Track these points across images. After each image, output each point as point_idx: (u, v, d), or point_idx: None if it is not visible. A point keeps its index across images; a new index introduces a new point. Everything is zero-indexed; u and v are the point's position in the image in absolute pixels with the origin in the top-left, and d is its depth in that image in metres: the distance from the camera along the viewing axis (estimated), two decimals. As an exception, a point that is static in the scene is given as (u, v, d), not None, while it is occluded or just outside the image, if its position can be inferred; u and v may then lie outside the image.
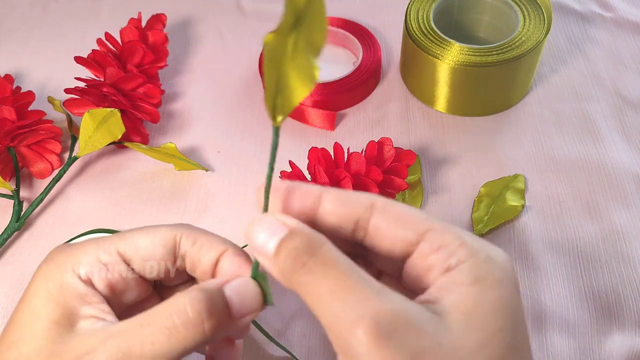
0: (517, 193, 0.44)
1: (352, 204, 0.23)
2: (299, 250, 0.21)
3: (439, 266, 0.21)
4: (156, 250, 0.25)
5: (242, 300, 0.23)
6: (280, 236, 0.21)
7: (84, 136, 0.45)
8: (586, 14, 0.58)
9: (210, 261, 0.25)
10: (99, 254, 0.24)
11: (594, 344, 0.38)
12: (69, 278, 0.24)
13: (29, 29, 0.61)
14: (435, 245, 0.21)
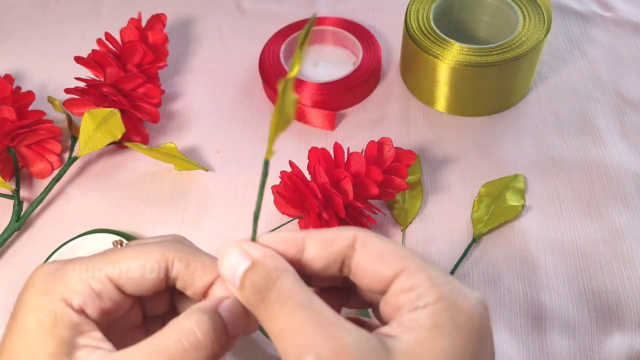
0: (517, 193, 0.44)
1: (335, 244, 0.23)
2: (258, 284, 0.22)
3: (407, 306, 0.22)
4: (148, 275, 0.24)
5: (235, 320, 0.24)
6: (244, 268, 0.22)
7: (84, 136, 0.45)
8: (586, 14, 0.58)
9: (204, 285, 0.25)
10: (90, 282, 0.24)
11: (594, 344, 0.38)
12: (61, 309, 0.23)
13: (29, 29, 0.61)
14: (407, 285, 0.22)
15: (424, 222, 0.44)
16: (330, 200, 0.39)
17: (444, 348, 0.20)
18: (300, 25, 0.55)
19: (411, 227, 0.44)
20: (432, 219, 0.44)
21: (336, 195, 0.38)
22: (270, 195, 0.43)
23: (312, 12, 0.60)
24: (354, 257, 0.23)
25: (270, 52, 0.53)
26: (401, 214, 0.44)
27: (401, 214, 0.44)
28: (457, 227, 0.43)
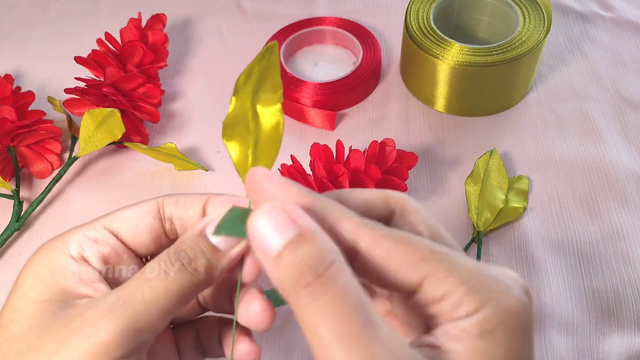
0: (520, 194, 0.44)
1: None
2: (304, 265, 0.18)
3: (445, 317, 0.19)
4: (142, 217, 0.24)
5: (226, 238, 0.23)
6: (287, 237, 0.19)
7: (84, 136, 0.45)
8: (586, 14, 0.58)
9: (197, 212, 0.25)
10: (85, 232, 0.24)
11: (593, 344, 0.38)
12: (59, 259, 0.23)
13: (29, 28, 0.61)
14: (438, 293, 0.19)
15: (424, 222, 0.44)
16: (327, 196, 0.39)
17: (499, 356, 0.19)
18: (300, 25, 0.55)
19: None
20: (432, 219, 0.44)
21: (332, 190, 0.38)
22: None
23: (313, 11, 0.60)
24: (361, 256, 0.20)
25: (270, 52, 0.53)
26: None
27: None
28: (457, 227, 0.43)
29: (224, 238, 0.22)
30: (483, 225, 0.42)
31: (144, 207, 0.25)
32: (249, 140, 0.23)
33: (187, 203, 0.25)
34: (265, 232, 0.19)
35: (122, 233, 0.24)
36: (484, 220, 0.42)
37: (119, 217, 0.25)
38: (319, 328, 0.18)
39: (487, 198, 0.43)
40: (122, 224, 0.24)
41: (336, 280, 0.18)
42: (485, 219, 0.42)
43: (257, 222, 0.20)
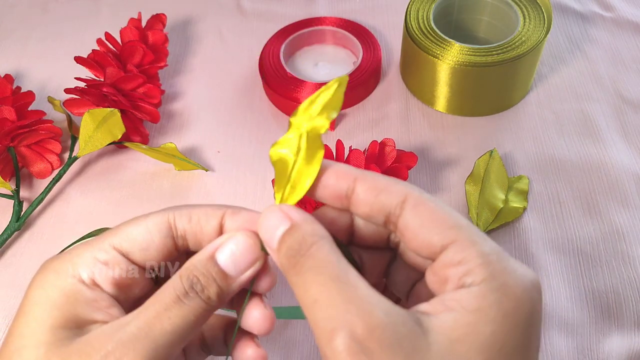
0: (520, 194, 0.44)
1: (384, 196, 0.22)
2: (292, 249, 0.21)
3: (454, 282, 0.20)
4: (153, 237, 0.24)
5: (235, 260, 0.23)
6: (282, 230, 0.22)
7: (84, 136, 0.45)
8: (586, 14, 0.58)
9: (214, 230, 0.24)
10: (95, 254, 0.23)
11: (593, 344, 0.38)
12: (70, 284, 0.23)
13: (29, 29, 0.61)
14: (456, 258, 0.20)
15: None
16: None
17: (485, 335, 0.19)
18: (300, 25, 0.55)
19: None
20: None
21: None
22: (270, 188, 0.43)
23: (313, 11, 0.60)
24: (402, 216, 0.22)
25: (270, 52, 0.53)
26: None
27: None
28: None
29: (233, 264, 0.23)
30: (483, 225, 0.42)
31: (154, 225, 0.24)
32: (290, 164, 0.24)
33: (201, 220, 0.24)
34: (268, 231, 0.23)
35: (134, 254, 0.24)
36: (483, 220, 0.42)
37: (128, 236, 0.24)
38: (304, 298, 0.21)
39: (487, 198, 0.43)
40: (133, 245, 0.24)
41: (317, 257, 0.21)
42: (485, 219, 0.42)
43: (262, 223, 0.23)
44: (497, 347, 0.19)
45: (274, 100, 0.52)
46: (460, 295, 0.20)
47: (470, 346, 0.19)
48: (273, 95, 0.51)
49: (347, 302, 0.19)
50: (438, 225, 0.21)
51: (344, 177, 0.23)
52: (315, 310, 0.20)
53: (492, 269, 0.20)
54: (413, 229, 0.22)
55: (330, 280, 0.20)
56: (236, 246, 0.23)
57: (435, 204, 0.22)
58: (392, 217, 0.22)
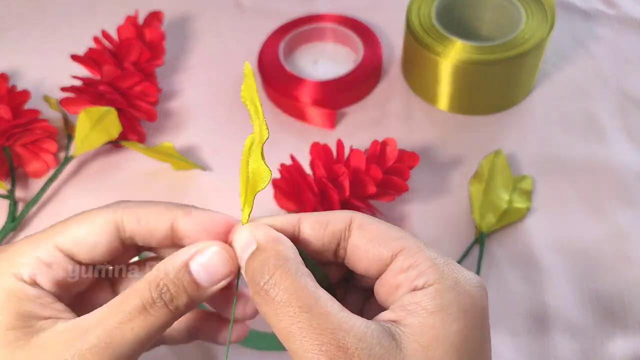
0: (524, 195, 0.44)
1: (331, 225, 0.23)
2: (256, 275, 0.21)
3: (406, 285, 0.21)
4: (99, 238, 0.24)
5: (209, 271, 0.23)
6: (249, 252, 0.22)
7: (80, 135, 0.45)
8: (590, 12, 0.57)
9: (165, 232, 0.24)
10: (37, 253, 0.23)
11: (597, 346, 0.37)
12: (13, 284, 0.22)
13: (25, 26, 0.61)
14: (405, 264, 0.22)
15: (426, 222, 0.43)
16: (327, 195, 0.39)
17: (452, 334, 0.20)
18: (300, 22, 0.55)
19: (413, 228, 0.43)
20: (434, 219, 0.44)
21: (332, 190, 0.38)
22: (269, 188, 0.43)
23: (312, 8, 0.59)
24: (350, 239, 0.23)
25: (269, 50, 0.52)
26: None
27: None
28: (459, 228, 0.43)
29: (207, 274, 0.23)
30: (486, 226, 0.42)
31: (100, 225, 0.24)
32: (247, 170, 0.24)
33: (151, 221, 0.24)
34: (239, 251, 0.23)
35: (78, 255, 0.24)
36: (487, 221, 0.42)
37: (74, 237, 0.23)
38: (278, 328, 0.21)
39: (491, 199, 0.43)
40: (79, 247, 0.23)
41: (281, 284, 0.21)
42: (488, 220, 0.42)
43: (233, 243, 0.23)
44: (464, 344, 0.20)
45: (273, 99, 0.52)
46: (418, 297, 0.21)
47: (442, 348, 0.20)
48: (272, 93, 0.51)
49: (320, 333, 0.20)
50: (385, 238, 0.22)
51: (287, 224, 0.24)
52: (291, 342, 0.20)
53: (442, 270, 0.21)
54: (362, 246, 0.23)
55: (300, 311, 0.20)
56: (211, 257, 0.23)
57: (378, 222, 0.23)
58: (342, 243, 0.23)
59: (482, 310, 0.21)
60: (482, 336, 0.21)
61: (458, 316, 0.20)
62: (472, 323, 0.20)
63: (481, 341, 0.21)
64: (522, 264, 0.41)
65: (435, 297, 0.20)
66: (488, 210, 0.42)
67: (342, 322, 0.20)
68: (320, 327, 0.20)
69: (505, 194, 0.43)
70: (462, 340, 0.20)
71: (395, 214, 0.44)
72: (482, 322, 0.21)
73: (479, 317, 0.21)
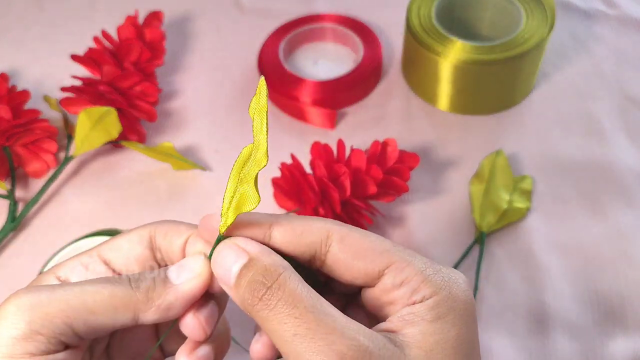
0: (524, 194, 0.44)
1: (306, 236, 0.23)
2: (256, 283, 0.21)
3: (403, 302, 0.22)
4: (133, 247, 0.25)
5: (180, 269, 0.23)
6: (240, 265, 0.22)
7: (80, 135, 0.45)
8: (590, 12, 0.57)
9: (179, 248, 0.25)
10: (81, 259, 0.25)
11: (597, 346, 0.37)
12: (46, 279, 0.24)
13: (25, 26, 0.60)
14: (397, 280, 0.22)
15: (426, 222, 0.43)
16: (327, 194, 0.39)
17: (452, 337, 0.21)
18: (300, 22, 0.55)
19: (413, 228, 0.43)
20: (434, 219, 0.44)
21: (333, 190, 0.38)
22: (269, 187, 0.43)
23: (312, 8, 0.59)
24: (329, 253, 0.23)
25: (269, 50, 0.52)
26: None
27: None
28: (459, 228, 0.43)
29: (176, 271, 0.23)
30: (486, 226, 0.42)
31: (136, 236, 0.25)
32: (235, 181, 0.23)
33: (173, 237, 0.25)
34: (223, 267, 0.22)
35: (114, 262, 0.25)
36: (487, 222, 0.42)
37: (113, 246, 0.25)
38: (281, 331, 0.20)
39: (491, 199, 0.43)
40: (115, 253, 0.25)
41: (285, 287, 0.21)
42: (488, 220, 0.42)
43: (215, 260, 0.23)
44: (462, 346, 0.21)
45: (273, 99, 0.51)
46: (417, 309, 0.21)
47: (444, 352, 0.21)
48: (272, 93, 0.51)
49: (329, 333, 0.20)
50: (370, 253, 0.22)
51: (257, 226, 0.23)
52: (297, 343, 0.20)
53: (435, 282, 0.22)
54: (345, 262, 0.23)
55: (306, 312, 0.20)
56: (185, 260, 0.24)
57: (360, 234, 0.23)
58: (319, 255, 0.23)
59: (472, 311, 0.22)
60: (474, 334, 0.22)
61: (455, 322, 0.21)
62: (466, 326, 0.22)
63: (474, 339, 0.22)
64: (522, 264, 0.41)
65: (433, 308, 0.21)
66: (488, 210, 0.42)
67: (348, 324, 0.20)
68: (329, 328, 0.20)
69: (506, 194, 0.43)
70: (460, 343, 0.21)
71: (396, 214, 0.44)
72: (473, 321, 0.22)
73: (471, 319, 0.22)
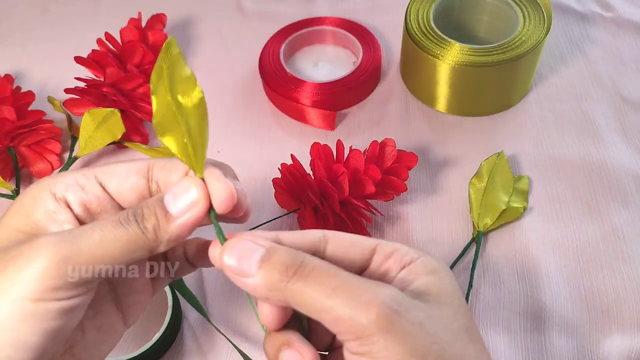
0: (521, 195, 0.44)
1: (307, 237, 0.25)
2: (285, 263, 0.23)
3: (396, 266, 0.25)
4: (130, 175, 0.25)
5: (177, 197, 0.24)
6: (259, 255, 0.23)
7: (83, 136, 0.45)
8: (586, 14, 0.58)
9: (178, 179, 0.26)
10: (76, 177, 0.25)
11: (593, 344, 0.38)
12: (42, 194, 0.24)
13: (29, 29, 0.61)
14: (388, 252, 0.25)
15: (425, 222, 0.44)
16: (327, 194, 0.39)
17: (448, 284, 0.24)
18: (300, 25, 0.55)
19: (412, 228, 0.44)
20: (432, 220, 0.44)
21: (332, 190, 0.38)
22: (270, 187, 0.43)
23: (312, 11, 0.60)
24: (327, 249, 0.25)
25: (270, 52, 0.53)
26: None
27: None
28: (457, 227, 0.43)
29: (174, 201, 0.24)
30: (483, 226, 0.42)
31: (134, 166, 0.26)
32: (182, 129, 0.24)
33: (172, 168, 0.26)
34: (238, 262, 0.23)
35: (110, 186, 0.25)
36: (484, 221, 0.42)
37: (111, 170, 0.26)
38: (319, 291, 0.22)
39: (490, 199, 0.43)
40: (111, 178, 0.25)
41: (313, 261, 0.23)
42: (486, 219, 0.42)
43: (228, 256, 0.23)
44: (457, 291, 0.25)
45: (274, 100, 0.52)
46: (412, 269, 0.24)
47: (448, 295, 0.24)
48: (273, 95, 0.51)
49: (367, 284, 0.22)
50: (360, 241, 0.26)
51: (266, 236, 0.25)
52: (337, 295, 0.22)
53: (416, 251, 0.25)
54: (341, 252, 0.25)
55: (339, 271, 0.23)
56: (180, 187, 0.24)
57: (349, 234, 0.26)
58: (319, 251, 0.25)
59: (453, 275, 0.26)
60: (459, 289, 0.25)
61: (445, 274, 0.25)
62: (453, 280, 0.25)
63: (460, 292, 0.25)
64: (518, 263, 0.41)
65: (426, 264, 0.24)
66: (486, 210, 0.43)
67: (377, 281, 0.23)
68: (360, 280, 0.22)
69: (505, 196, 0.43)
70: (455, 290, 0.24)
71: (394, 213, 0.45)
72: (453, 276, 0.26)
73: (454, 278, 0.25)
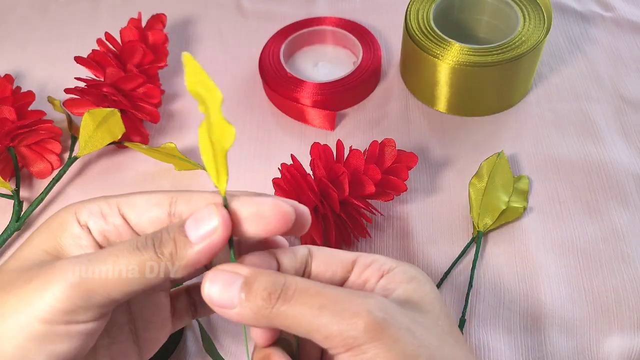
0: (521, 195, 0.44)
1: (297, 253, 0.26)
2: (267, 289, 0.23)
3: (375, 275, 0.25)
4: (150, 208, 0.25)
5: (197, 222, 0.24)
6: (238, 284, 0.23)
7: (84, 136, 0.45)
8: (586, 14, 0.58)
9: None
10: (101, 205, 0.25)
11: (593, 344, 0.38)
12: (68, 219, 0.25)
13: (29, 29, 0.61)
14: (367, 262, 0.26)
15: (425, 222, 0.44)
16: (327, 194, 0.39)
17: (428, 291, 0.25)
18: (300, 25, 0.55)
19: (412, 228, 0.44)
20: (432, 220, 0.44)
21: (332, 190, 0.39)
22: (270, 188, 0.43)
23: (312, 11, 0.60)
24: (313, 264, 0.26)
25: (270, 52, 0.53)
26: None
27: None
28: (457, 227, 0.43)
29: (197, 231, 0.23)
30: (483, 226, 0.42)
31: (154, 199, 0.26)
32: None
33: (198, 202, 0.26)
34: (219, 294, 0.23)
35: (129, 217, 0.25)
36: (484, 221, 0.42)
37: (132, 201, 0.26)
38: (305, 311, 0.22)
39: (490, 199, 0.43)
40: (131, 210, 0.25)
41: (295, 282, 0.23)
42: (486, 219, 0.42)
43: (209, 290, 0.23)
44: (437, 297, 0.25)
45: (274, 101, 0.52)
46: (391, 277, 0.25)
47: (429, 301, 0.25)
48: (273, 95, 0.51)
49: (351, 295, 0.23)
50: (341, 254, 0.26)
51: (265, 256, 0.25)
52: (324, 313, 0.22)
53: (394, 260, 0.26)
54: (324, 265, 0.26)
55: (323, 288, 0.23)
56: (203, 213, 0.24)
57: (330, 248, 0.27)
58: (307, 268, 0.26)
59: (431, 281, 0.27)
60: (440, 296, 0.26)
61: (425, 281, 0.25)
62: (433, 287, 0.26)
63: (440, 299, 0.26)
64: (518, 263, 0.41)
65: (405, 272, 0.25)
66: (486, 210, 0.43)
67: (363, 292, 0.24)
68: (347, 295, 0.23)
69: (505, 196, 0.43)
70: (435, 297, 0.25)
71: (394, 213, 0.45)
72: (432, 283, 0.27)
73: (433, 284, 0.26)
